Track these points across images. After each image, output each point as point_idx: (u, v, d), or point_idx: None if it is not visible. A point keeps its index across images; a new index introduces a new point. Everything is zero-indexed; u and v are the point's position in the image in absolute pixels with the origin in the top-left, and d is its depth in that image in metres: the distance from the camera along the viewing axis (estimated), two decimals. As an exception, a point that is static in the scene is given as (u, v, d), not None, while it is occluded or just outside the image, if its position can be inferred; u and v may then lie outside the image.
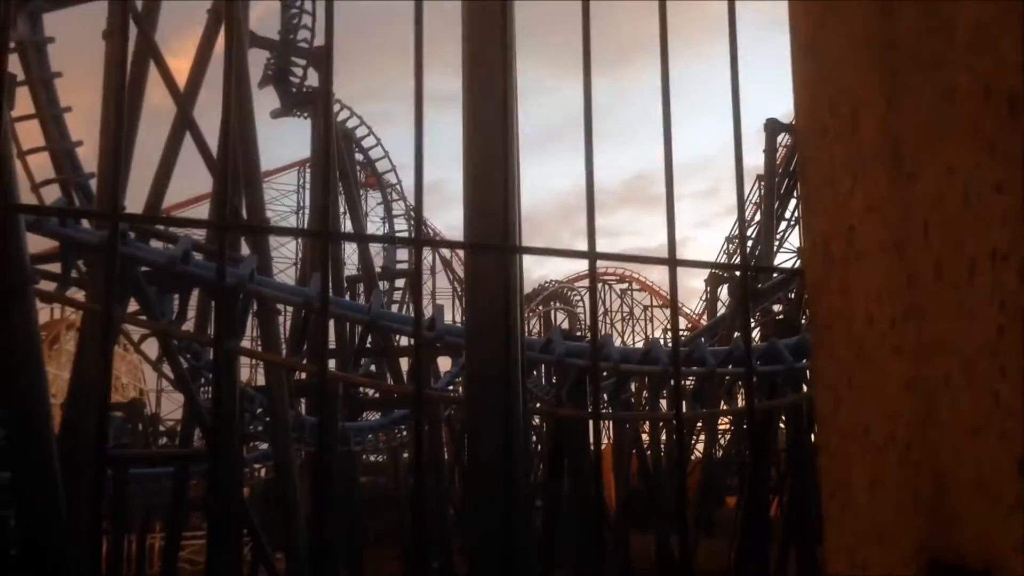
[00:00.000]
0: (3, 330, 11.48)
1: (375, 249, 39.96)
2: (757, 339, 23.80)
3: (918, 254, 0.95)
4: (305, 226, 39.22)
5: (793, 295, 27.03)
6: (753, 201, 37.89)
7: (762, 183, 35.29)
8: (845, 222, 1.09)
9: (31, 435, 11.37)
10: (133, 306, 17.42)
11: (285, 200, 53.77)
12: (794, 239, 36.75)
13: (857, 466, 1.06)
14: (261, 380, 30.59)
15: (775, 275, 30.06)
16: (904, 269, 0.98)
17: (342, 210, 34.89)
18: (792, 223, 36.45)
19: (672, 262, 1.74)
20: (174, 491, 26.77)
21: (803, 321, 23.99)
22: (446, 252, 52.69)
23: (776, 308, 28.89)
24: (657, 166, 1.67)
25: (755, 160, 34.97)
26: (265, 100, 32.76)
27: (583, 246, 1.75)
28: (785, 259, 36.14)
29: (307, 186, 45.03)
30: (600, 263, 1.75)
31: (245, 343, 22.30)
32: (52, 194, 21.56)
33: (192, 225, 40.63)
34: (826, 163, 1.16)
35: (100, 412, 2.92)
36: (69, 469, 12.04)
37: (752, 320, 26.52)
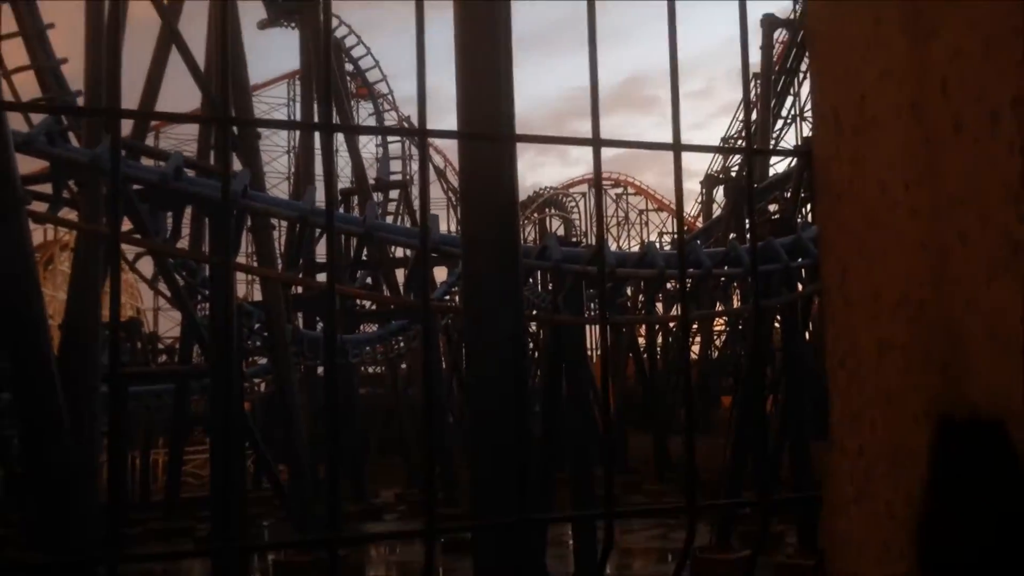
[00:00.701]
0: (-2, 251, 11.46)
1: (368, 162, 39.67)
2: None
3: (935, 113, 0.95)
4: (298, 139, 38.80)
5: (789, 195, 27.00)
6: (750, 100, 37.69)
7: (758, 81, 35.04)
8: (857, 90, 1.08)
9: (30, 356, 11.44)
10: (126, 225, 17.35)
11: (275, 113, 53.21)
12: (790, 137, 36.81)
13: (865, 331, 1.07)
14: (258, 296, 30.66)
15: (771, 194, 29.95)
16: (920, 131, 0.97)
17: (334, 121, 34.55)
18: (788, 121, 36.42)
19: (676, 147, 1.73)
20: (175, 407, 27.08)
21: (799, 220, 24.00)
22: (440, 162, 52.38)
23: (772, 208, 28.90)
24: (649, 67, 1.65)
25: (751, 58, 34.70)
26: (251, 12, 32.18)
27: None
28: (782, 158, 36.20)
29: (298, 99, 44.48)
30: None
31: (240, 259, 22.28)
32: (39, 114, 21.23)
33: (191, 121, 39.85)
34: (837, 34, 1.14)
35: (112, 330, 2.93)
36: (69, 388, 12.14)
37: (747, 220, 26.44)
